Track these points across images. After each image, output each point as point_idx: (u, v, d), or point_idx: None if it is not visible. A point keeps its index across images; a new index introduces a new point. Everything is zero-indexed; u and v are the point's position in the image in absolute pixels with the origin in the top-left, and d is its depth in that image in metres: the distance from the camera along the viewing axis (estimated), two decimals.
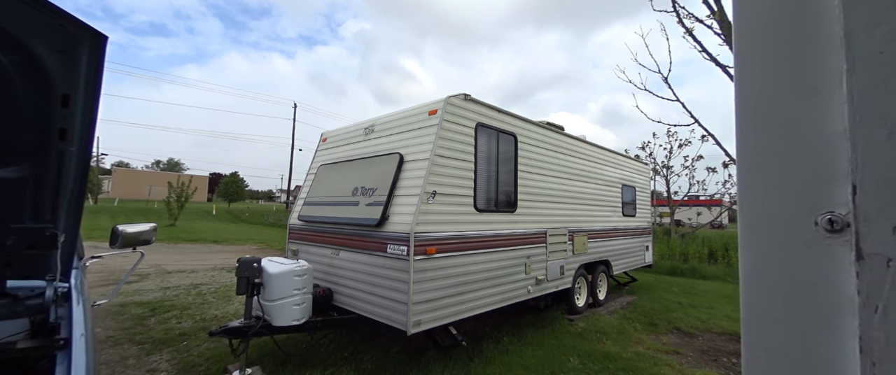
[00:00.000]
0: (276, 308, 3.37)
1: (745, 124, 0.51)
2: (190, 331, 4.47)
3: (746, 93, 0.51)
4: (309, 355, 3.85)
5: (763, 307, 0.48)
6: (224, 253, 11.61)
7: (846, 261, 0.43)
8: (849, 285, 0.42)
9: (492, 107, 4.16)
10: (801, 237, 0.46)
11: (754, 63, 0.51)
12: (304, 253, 4.52)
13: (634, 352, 4.30)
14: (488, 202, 4.05)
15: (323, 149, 5.10)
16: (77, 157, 1.15)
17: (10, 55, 0.93)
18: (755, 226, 0.49)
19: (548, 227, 4.83)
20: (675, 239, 14.29)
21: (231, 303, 5.72)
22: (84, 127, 1.10)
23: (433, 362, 3.74)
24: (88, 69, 1.00)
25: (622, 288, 7.68)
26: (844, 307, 0.42)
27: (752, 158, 0.50)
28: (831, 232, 0.44)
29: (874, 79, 0.41)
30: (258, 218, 27.65)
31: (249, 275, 3.39)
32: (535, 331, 4.80)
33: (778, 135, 0.48)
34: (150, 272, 7.78)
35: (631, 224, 7.20)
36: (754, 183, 0.49)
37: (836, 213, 0.44)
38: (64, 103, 1.03)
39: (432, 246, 3.36)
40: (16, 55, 0.93)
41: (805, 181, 0.46)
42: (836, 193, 0.44)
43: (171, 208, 19.15)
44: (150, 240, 2.31)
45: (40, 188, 1.19)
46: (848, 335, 0.42)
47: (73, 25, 0.92)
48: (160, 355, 3.82)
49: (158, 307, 5.38)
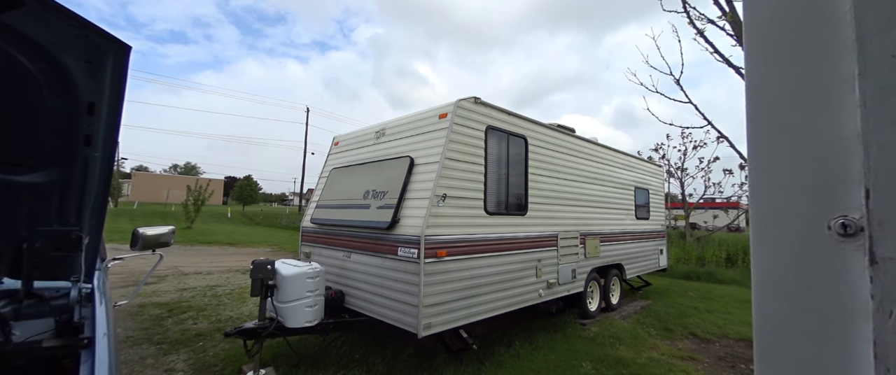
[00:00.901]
0: (289, 309, 3.42)
1: (756, 127, 0.50)
2: (205, 332, 4.56)
3: (757, 95, 0.51)
4: (321, 356, 3.89)
5: (776, 312, 0.48)
6: (238, 255, 11.81)
7: (860, 266, 0.42)
8: (863, 290, 0.42)
9: (502, 110, 4.16)
10: (813, 241, 0.45)
11: (765, 66, 0.50)
12: (316, 256, 4.57)
13: (648, 358, 4.22)
14: (498, 205, 4.04)
15: (335, 152, 5.17)
16: (101, 162, 1.20)
17: (39, 64, 0.98)
18: (767, 230, 0.49)
19: (559, 230, 4.79)
20: (691, 242, 14.00)
21: (245, 305, 5.81)
22: (108, 133, 1.15)
23: (444, 365, 3.74)
24: (113, 78, 1.05)
25: (636, 292, 7.55)
26: (858, 312, 0.42)
27: (764, 161, 0.50)
28: (844, 237, 0.43)
29: (887, 82, 0.41)
30: (272, 221, 28.07)
31: (263, 277, 3.44)
32: (547, 336, 4.76)
33: (789, 138, 0.48)
34: (167, 274, 7.97)
35: (644, 227, 7.09)
36: (766, 186, 0.49)
37: (850, 217, 0.43)
38: (90, 111, 1.08)
39: (442, 249, 3.37)
40: (44, 64, 0.98)
41: (817, 185, 0.46)
42: (849, 197, 0.43)
43: (188, 211, 19.58)
44: (169, 243, 2.37)
45: (66, 192, 1.24)
46: (862, 340, 0.41)
47: (98, 36, 0.96)
48: (177, 355, 3.90)
49: (176, 308, 5.51)
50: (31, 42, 0.92)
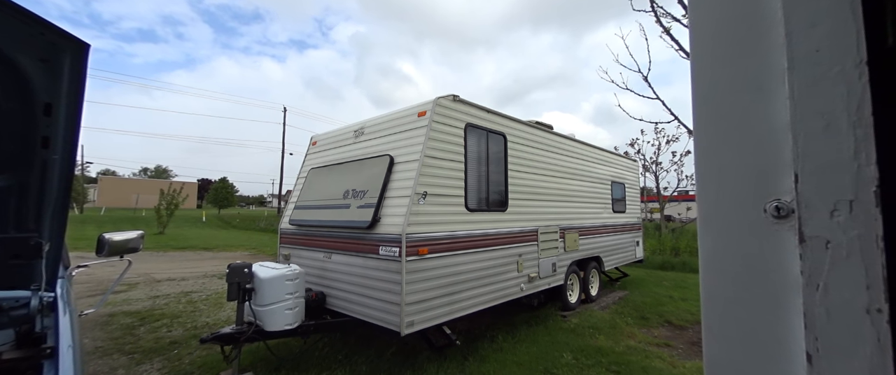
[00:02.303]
0: (268, 313, 3.36)
1: (700, 118, 0.54)
2: (181, 339, 4.42)
3: (701, 89, 0.54)
4: (302, 359, 3.84)
5: (720, 290, 0.51)
6: (215, 260, 11.47)
7: (792, 245, 0.46)
8: (794, 266, 0.45)
9: (481, 108, 4.19)
10: (751, 223, 0.49)
11: (708, 62, 0.54)
12: (295, 258, 4.50)
13: (626, 346, 4.36)
14: (479, 201, 4.08)
15: (313, 152, 5.09)
16: (60, 166, 1.15)
17: None
18: (711, 214, 0.52)
19: (539, 225, 4.88)
20: (666, 234, 14.50)
21: (223, 310, 5.66)
22: (67, 135, 1.10)
23: (428, 362, 3.75)
24: (71, 77, 1.00)
25: (614, 283, 7.77)
26: (791, 287, 0.46)
27: (708, 150, 0.53)
28: (778, 218, 0.47)
29: (811, 76, 0.45)
30: (249, 224, 27.33)
31: (240, 281, 3.37)
32: (529, 328, 4.84)
33: (730, 128, 0.51)
34: (139, 281, 7.66)
35: (621, 220, 7.30)
36: (710, 173, 0.52)
37: (782, 200, 0.47)
38: (46, 111, 1.03)
39: (424, 247, 3.38)
40: None
41: (754, 171, 0.49)
42: (781, 182, 0.47)
43: (160, 216, 18.85)
44: (138, 248, 2.29)
45: (24, 197, 1.18)
46: (795, 312, 0.45)
47: (54, 34, 0.92)
48: (151, 364, 3.77)
49: (148, 316, 5.31)
50: None
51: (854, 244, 0.41)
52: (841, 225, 0.42)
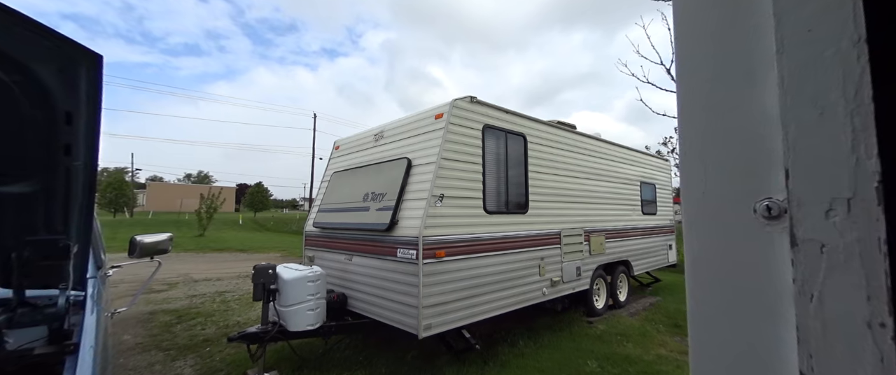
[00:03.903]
0: (291, 313, 3.45)
1: (684, 108, 0.49)
2: (213, 337, 4.62)
3: (686, 77, 0.49)
4: (324, 360, 3.92)
5: (707, 298, 0.46)
6: (249, 261, 11.97)
7: (784, 249, 0.41)
8: (786, 274, 0.40)
9: (499, 109, 4.14)
10: (740, 225, 0.44)
11: (692, 46, 0.49)
12: (319, 259, 4.61)
13: (657, 355, 4.15)
14: (498, 203, 4.02)
15: (336, 156, 5.21)
16: (83, 171, 1.23)
17: (15, 76, 1.01)
18: (697, 215, 0.48)
19: (562, 228, 4.74)
20: None
21: (253, 310, 5.88)
22: (88, 142, 1.17)
23: (447, 366, 3.73)
24: (88, 87, 1.07)
25: (645, 288, 7.44)
26: (782, 297, 0.41)
27: (694, 144, 0.48)
28: (769, 219, 0.42)
29: (803, 58, 0.40)
30: (282, 227, 28.41)
31: (265, 282, 3.49)
32: (552, 334, 4.71)
33: (715, 119, 0.46)
34: (178, 281, 8.11)
35: (651, 222, 6.99)
36: (695, 169, 0.48)
37: (774, 199, 0.42)
38: (67, 120, 1.11)
39: (441, 249, 3.36)
40: (20, 76, 1.01)
41: (743, 167, 0.44)
42: (772, 179, 0.42)
43: (200, 219, 19.93)
44: (167, 250, 2.41)
45: (51, 201, 1.27)
46: (788, 325, 0.40)
47: (69, 46, 0.98)
48: (184, 360, 3.97)
49: (185, 314, 5.60)
50: (4, 54, 0.95)
51: (853, 248, 0.36)
52: (837, 227, 0.37)
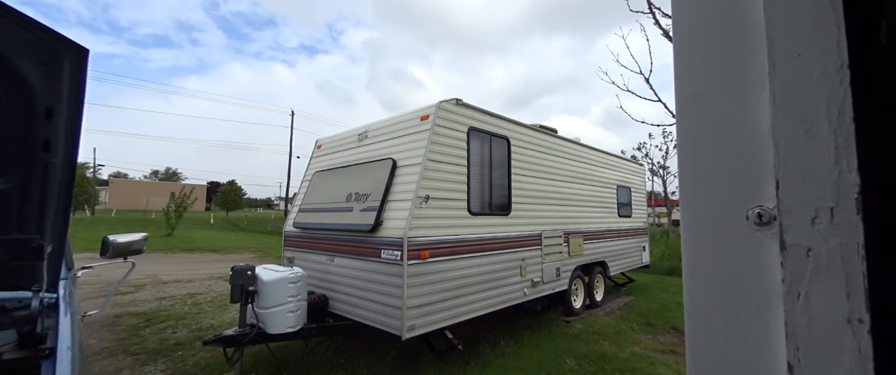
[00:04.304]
0: (271, 315, 3.37)
1: (682, 122, 0.53)
2: (185, 341, 4.45)
3: (683, 92, 0.53)
4: (304, 362, 3.85)
5: (702, 298, 0.50)
6: (221, 262, 11.57)
7: (773, 253, 0.45)
8: (776, 275, 0.44)
9: (484, 112, 4.19)
10: (734, 231, 0.48)
11: (691, 65, 0.53)
12: (299, 260, 4.52)
13: (631, 353, 4.30)
14: (482, 205, 4.07)
15: (317, 155, 5.13)
16: (62, 169, 1.17)
17: None
18: (695, 222, 0.51)
19: (543, 229, 4.84)
20: (674, 239, 14.31)
21: (227, 312, 5.70)
22: (68, 139, 1.12)
23: (429, 366, 3.73)
24: (71, 82, 1.02)
25: (620, 288, 7.68)
26: (773, 295, 0.45)
27: (691, 155, 0.52)
28: (760, 226, 0.46)
29: (793, 80, 0.44)
30: (257, 227, 27.59)
31: (243, 283, 3.39)
32: (532, 334, 4.80)
33: (712, 132, 0.50)
34: (145, 282, 7.75)
35: (627, 224, 7.23)
36: (692, 179, 0.52)
37: (764, 207, 0.46)
38: (47, 115, 1.06)
39: (426, 251, 3.37)
40: None
41: (736, 177, 0.48)
42: (763, 188, 0.46)
43: (169, 217, 19.10)
44: (141, 250, 2.32)
45: (26, 199, 1.20)
46: (777, 321, 0.44)
47: (53, 39, 0.94)
48: (155, 365, 3.80)
49: (154, 317, 5.37)
50: None
51: (835, 252, 0.40)
52: (822, 233, 0.41)
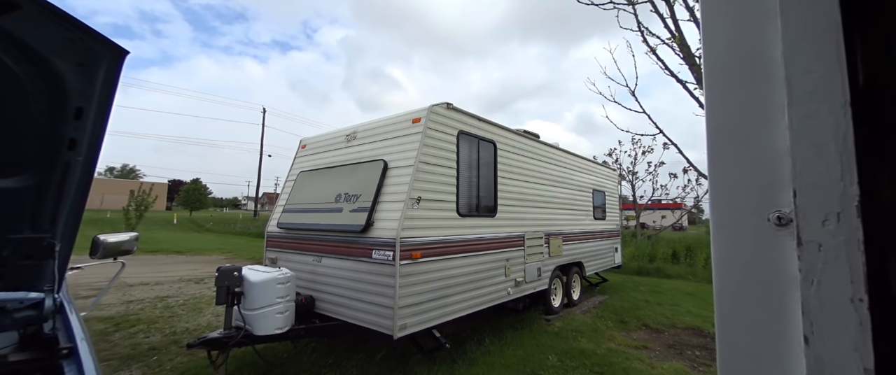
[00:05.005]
0: (259, 317, 3.32)
1: (713, 141, 0.64)
2: (160, 345, 4.28)
3: (715, 118, 0.64)
4: (292, 364, 3.80)
5: (730, 286, 0.61)
6: (189, 263, 11.08)
7: (791, 248, 0.56)
8: (793, 266, 0.56)
9: (473, 116, 4.30)
10: (757, 230, 0.59)
11: (721, 96, 0.64)
12: (283, 261, 4.45)
13: (607, 349, 4.52)
14: (470, 207, 4.17)
15: (302, 155, 5.06)
16: (83, 167, 1.16)
17: (26, 67, 0.95)
18: (724, 223, 0.62)
19: (526, 231, 5.01)
20: (642, 240, 15.01)
21: (202, 315, 5.51)
22: (93, 138, 1.11)
23: (418, 365, 3.79)
24: (104, 83, 1.02)
25: (594, 288, 8.01)
26: (791, 283, 0.56)
27: (721, 169, 0.63)
28: (779, 226, 0.57)
29: (806, 112, 0.55)
30: (224, 227, 26.49)
31: (230, 284, 3.32)
32: (515, 332, 4.95)
33: (739, 150, 0.62)
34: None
35: (601, 227, 7.56)
36: (722, 188, 0.63)
37: (783, 211, 0.57)
38: (77, 115, 1.05)
39: (417, 251, 3.43)
40: (33, 67, 0.94)
41: (760, 187, 0.60)
42: (782, 196, 0.58)
43: (129, 217, 18.04)
44: (132, 250, 2.26)
45: (42, 198, 1.17)
46: (794, 303, 0.55)
47: (94, 40, 0.94)
48: (129, 371, 3.64)
49: (122, 321, 5.11)
50: (21, 45, 0.89)
51: (841, 247, 0.52)
52: (830, 232, 0.52)
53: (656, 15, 3.29)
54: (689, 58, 3.16)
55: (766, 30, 0.60)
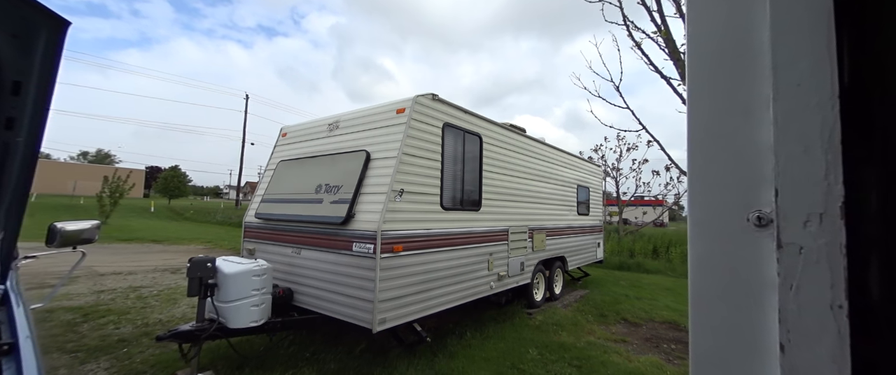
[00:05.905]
0: (233, 309, 3.23)
1: (695, 137, 0.60)
2: (130, 337, 4.13)
3: (697, 111, 0.61)
4: (267, 357, 3.72)
5: (706, 289, 0.58)
6: (165, 253, 10.77)
7: (770, 250, 0.53)
8: (772, 269, 0.53)
9: (459, 108, 4.24)
10: (736, 231, 0.56)
11: (702, 87, 0.61)
12: (261, 253, 4.34)
13: (587, 342, 4.58)
14: (454, 200, 4.13)
15: (282, 144, 4.92)
16: (24, 150, 1.06)
17: None
18: (701, 222, 0.59)
19: (509, 225, 5.01)
20: (624, 236, 15.29)
21: (177, 306, 5.35)
22: (34, 117, 1.01)
23: (398, 359, 3.76)
24: (44, 56, 0.93)
25: (576, 282, 8.12)
26: (768, 286, 0.53)
27: (700, 165, 0.60)
28: (759, 227, 0.54)
29: (793, 105, 0.52)
30: (204, 216, 25.86)
31: (202, 276, 3.21)
32: (497, 325, 4.96)
33: (719, 145, 0.58)
34: (79, 274, 7.05)
35: (585, 222, 7.63)
36: (701, 186, 0.59)
37: (763, 211, 0.54)
38: (14, 91, 0.95)
39: (399, 244, 3.38)
40: None
41: (740, 185, 0.56)
42: (763, 195, 0.54)
43: (103, 204, 17.39)
44: (93, 239, 2.13)
45: None
46: (771, 309, 0.52)
47: (30, 9, 0.85)
48: (97, 363, 3.50)
49: (92, 312, 4.91)
50: None
51: (822, 250, 0.49)
52: (812, 234, 0.49)
53: (643, 8, 3.28)
54: (675, 53, 3.16)
55: (754, 15, 0.56)
